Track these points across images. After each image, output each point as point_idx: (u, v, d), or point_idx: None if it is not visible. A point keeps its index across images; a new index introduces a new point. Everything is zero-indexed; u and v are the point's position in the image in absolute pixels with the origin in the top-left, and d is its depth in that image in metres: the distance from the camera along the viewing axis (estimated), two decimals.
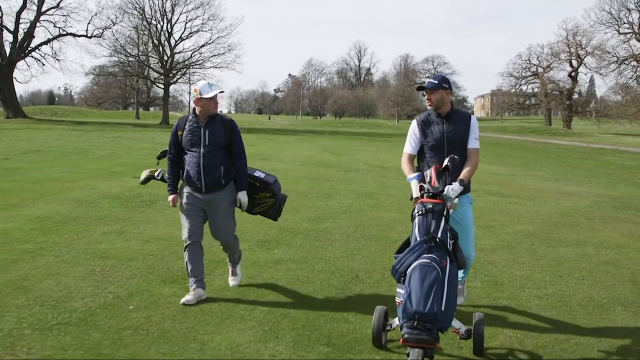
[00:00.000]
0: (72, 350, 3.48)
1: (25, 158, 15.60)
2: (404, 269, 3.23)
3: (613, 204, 10.08)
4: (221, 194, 4.41)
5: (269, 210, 4.69)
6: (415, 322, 2.97)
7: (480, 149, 4.10)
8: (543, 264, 5.78)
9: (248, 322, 3.98)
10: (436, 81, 3.99)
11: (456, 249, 3.38)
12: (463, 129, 4.01)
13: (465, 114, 4.12)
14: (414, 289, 3.04)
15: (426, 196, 3.50)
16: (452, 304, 3.15)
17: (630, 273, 5.54)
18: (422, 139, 4.06)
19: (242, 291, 4.68)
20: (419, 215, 3.42)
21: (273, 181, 4.66)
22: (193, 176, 4.35)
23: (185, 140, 4.38)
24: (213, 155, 4.33)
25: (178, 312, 4.14)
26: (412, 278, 3.10)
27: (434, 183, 3.55)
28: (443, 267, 3.16)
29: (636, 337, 3.95)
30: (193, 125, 4.39)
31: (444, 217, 3.39)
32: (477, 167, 4.00)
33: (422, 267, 3.12)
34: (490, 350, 3.62)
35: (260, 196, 4.60)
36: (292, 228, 7.16)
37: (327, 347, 3.63)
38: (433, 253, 3.22)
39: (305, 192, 10.30)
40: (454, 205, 3.51)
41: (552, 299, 4.70)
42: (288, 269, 5.34)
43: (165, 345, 3.58)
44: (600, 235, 7.36)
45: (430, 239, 3.27)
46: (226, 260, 4.85)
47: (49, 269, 5.11)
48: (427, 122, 4.08)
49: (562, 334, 3.93)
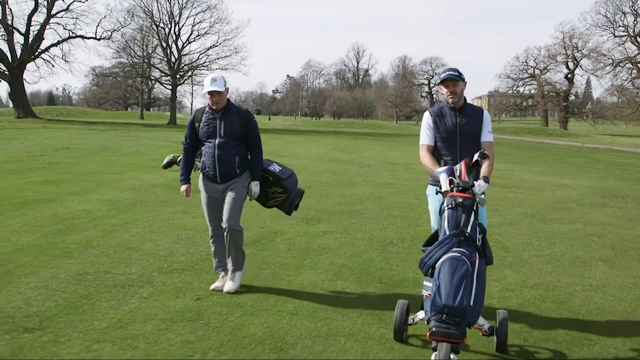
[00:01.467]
0: (195, 283, 4.74)
1: (60, 154, 16.81)
2: (432, 262, 3.22)
3: (602, 194, 11.40)
4: (236, 180, 4.50)
5: (282, 205, 4.71)
6: (444, 316, 2.94)
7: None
8: (540, 235, 7.07)
9: (317, 270, 5.25)
10: (457, 73, 3.96)
11: (485, 245, 3.37)
12: (476, 122, 3.98)
13: (477, 109, 4.09)
14: (444, 282, 3.01)
15: (456, 190, 3.45)
16: (481, 299, 3.10)
17: (611, 241, 6.85)
18: (435, 130, 4.03)
19: (303, 251, 5.93)
20: (448, 209, 3.38)
21: (287, 176, 4.67)
22: (209, 166, 4.48)
23: (201, 132, 4.49)
24: (228, 146, 4.42)
25: (261, 263, 5.40)
26: (442, 271, 3.07)
27: (463, 177, 3.52)
28: (473, 262, 3.13)
29: (611, 279, 5.23)
30: (209, 117, 4.49)
31: (473, 212, 3.37)
32: (494, 159, 3.96)
33: (452, 261, 3.09)
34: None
35: (272, 190, 4.64)
36: (328, 210, 8.42)
37: (380, 283, 4.90)
38: (462, 247, 3.19)
39: (329, 183, 11.56)
40: (482, 200, 3.48)
41: (547, 258, 5.98)
42: (335, 237, 6.62)
43: (260, 283, 4.84)
44: (589, 216, 8.66)
45: (460, 233, 3.24)
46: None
47: (143, 237, 6.37)
48: (441, 114, 4.03)
49: (554, 278, 5.22)
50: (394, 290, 4.73)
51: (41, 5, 46.56)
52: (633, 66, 61.03)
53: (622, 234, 7.37)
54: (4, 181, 10.63)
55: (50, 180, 10.84)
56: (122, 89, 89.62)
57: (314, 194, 9.82)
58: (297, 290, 4.64)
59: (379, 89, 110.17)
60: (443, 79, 3.97)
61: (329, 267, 5.33)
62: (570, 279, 5.19)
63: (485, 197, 3.57)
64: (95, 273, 4.95)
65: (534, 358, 3.52)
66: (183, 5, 45.96)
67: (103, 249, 5.80)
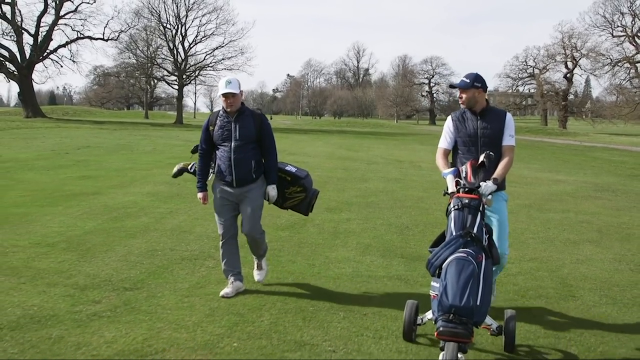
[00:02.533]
0: (249, 257, 5.69)
1: (83, 153, 17.77)
2: (439, 263, 3.27)
3: (594, 188, 12.37)
4: (252, 186, 4.49)
5: (300, 205, 4.74)
6: (451, 316, 2.99)
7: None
8: (536, 222, 8.05)
9: (347, 248, 6.22)
10: (468, 80, 4.01)
11: (491, 245, 3.41)
12: (497, 126, 4.02)
13: (500, 112, 4.13)
14: (450, 283, 3.07)
15: (462, 191, 3.51)
16: (487, 299, 3.16)
17: (598, 227, 7.83)
18: (455, 134, 4.11)
19: (332, 234, 6.89)
20: (455, 210, 3.44)
21: (304, 176, 4.69)
22: (224, 170, 4.45)
23: (216, 135, 4.47)
24: (244, 149, 4.41)
25: (299, 242, 6.37)
26: (449, 272, 3.12)
27: (469, 178, 3.57)
28: (479, 262, 3.18)
29: (595, 255, 6.20)
30: (224, 121, 4.47)
31: (479, 213, 3.42)
32: (511, 164, 3.99)
33: (458, 261, 3.14)
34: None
35: (291, 190, 4.65)
36: (347, 201, 9.39)
37: (401, 258, 5.87)
38: (469, 248, 3.24)
39: (343, 178, 12.53)
40: (488, 201, 3.52)
41: (542, 239, 6.96)
42: (357, 223, 7.59)
43: (302, 257, 5.80)
44: (580, 206, 9.64)
45: (466, 234, 3.29)
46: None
47: (192, 222, 7.33)
48: (462, 118, 4.11)
49: (547, 254, 6.19)
50: (414, 263, 5.69)
51: (50, 6, 47.49)
52: (631, 66, 61.85)
53: (609, 221, 8.35)
54: (44, 177, 11.60)
55: (86, 176, 11.81)
56: (125, 89, 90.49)
57: (331, 188, 10.80)
58: (334, 262, 5.61)
59: (379, 88, 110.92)
60: (451, 85, 4.26)
61: (357, 246, 6.30)
62: (561, 255, 6.17)
63: (492, 197, 3.58)
64: (163, 250, 5.91)
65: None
66: (189, 6, 46.96)
67: (161, 232, 6.76)
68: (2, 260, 5.34)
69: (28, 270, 5.07)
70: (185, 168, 5.11)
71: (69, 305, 4.20)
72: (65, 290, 4.54)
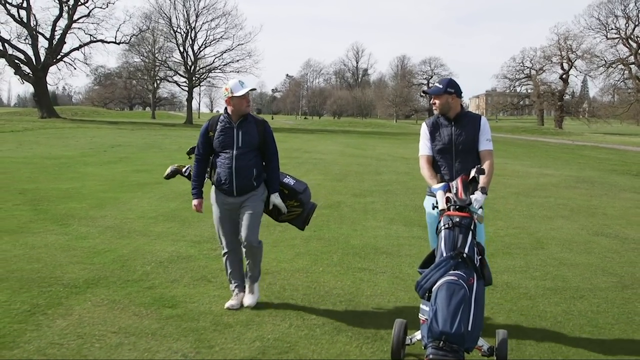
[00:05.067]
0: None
1: (119, 151, 19.71)
2: (429, 286, 3.19)
3: (576, 180, 14.38)
4: (252, 193, 4.33)
5: (296, 219, 4.57)
6: (441, 343, 2.92)
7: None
8: (522, 204, 10.04)
9: (377, 219, 8.20)
10: (441, 86, 3.94)
11: (483, 266, 3.30)
12: (472, 132, 3.93)
13: (474, 116, 4.02)
14: (441, 308, 2.99)
15: (453, 209, 3.39)
16: (479, 323, 3.07)
17: (571, 208, 9.84)
18: (430, 141, 4.02)
19: (363, 211, 8.86)
20: (445, 229, 3.32)
21: (302, 190, 4.51)
22: (224, 178, 4.26)
23: (217, 142, 4.28)
24: (246, 157, 4.24)
25: (340, 217, 8.34)
26: (439, 296, 3.05)
27: (460, 195, 3.43)
28: (470, 285, 3.10)
29: (565, 226, 8.18)
30: (225, 126, 4.29)
31: (471, 232, 3.31)
32: (493, 169, 3.91)
33: (449, 285, 3.06)
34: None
35: (287, 204, 4.46)
36: (368, 189, 11.37)
37: (419, 227, 7.81)
38: (460, 270, 3.16)
39: (360, 172, 14.52)
40: (479, 217, 3.39)
41: (525, 216, 8.94)
42: (381, 204, 9.58)
43: (347, 226, 7.76)
44: (560, 194, 11.64)
45: (457, 255, 3.20)
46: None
47: None
48: (436, 125, 4.03)
49: (528, 225, 8.17)
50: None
51: (65, 11, 49.40)
52: (625, 67, 63.97)
53: (581, 203, 10.37)
54: (103, 170, 13.55)
55: (139, 170, 13.77)
56: (128, 89, 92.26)
57: (352, 179, 12.80)
58: (370, 229, 7.59)
59: (378, 89, 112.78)
60: (424, 92, 4.28)
61: (384, 219, 8.29)
62: (539, 225, 8.16)
63: (483, 212, 3.49)
64: None
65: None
66: (199, 11, 48.98)
67: None
68: (126, 226, 7.31)
69: (150, 232, 7.03)
70: (180, 170, 4.91)
71: (197, 252, 6.16)
72: (188, 243, 6.50)
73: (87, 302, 4.41)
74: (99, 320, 4.06)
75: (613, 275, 5.65)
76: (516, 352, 3.73)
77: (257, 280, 4.48)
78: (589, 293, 5.05)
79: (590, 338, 4.04)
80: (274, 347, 3.70)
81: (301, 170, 14.19)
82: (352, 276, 5.36)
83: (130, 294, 4.64)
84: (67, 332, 3.83)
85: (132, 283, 4.95)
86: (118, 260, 5.68)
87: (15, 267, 5.29)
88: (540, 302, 4.79)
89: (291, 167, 15.14)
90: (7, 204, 8.57)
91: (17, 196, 9.34)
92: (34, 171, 12.80)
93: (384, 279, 5.33)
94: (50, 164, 14.56)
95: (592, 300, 4.85)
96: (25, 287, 4.72)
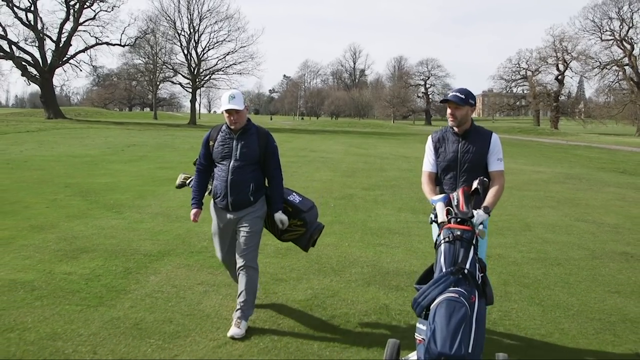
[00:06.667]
0: (336, 224, 8.89)
1: (137, 150, 20.82)
2: (427, 303, 2.97)
3: (565, 177, 15.63)
4: (250, 209, 4.08)
5: (300, 239, 4.34)
6: None
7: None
8: (515, 197, 11.26)
9: (387, 208, 9.39)
10: (463, 96, 3.69)
11: (485, 283, 3.10)
12: (481, 149, 3.73)
13: (485, 133, 3.80)
14: (440, 327, 2.77)
15: (454, 221, 3.21)
16: (480, 344, 2.85)
17: (557, 199, 11.07)
18: (435, 157, 3.85)
19: (373, 202, 10.06)
20: (445, 243, 3.12)
21: (307, 209, 4.27)
22: (220, 192, 4.10)
23: (216, 152, 4.12)
24: (243, 170, 4.03)
25: (354, 206, 9.53)
26: (438, 314, 2.82)
27: (462, 207, 3.27)
28: (472, 303, 2.89)
29: (550, 213, 9.39)
30: (225, 137, 4.11)
31: (472, 246, 3.11)
32: (502, 191, 3.73)
33: (449, 303, 2.84)
34: None
35: (290, 223, 4.23)
36: (376, 184, 12.58)
37: (424, 214, 9.02)
38: (460, 287, 2.94)
39: (366, 169, 15.73)
40: (481, 232, 3.23)
41: (517, 206, 10.16)
42: (388, 196, 10.78)
43: (362, 213, 8.96)
44: (549, 188, 12.88)
45: (458, 270, 2.99)
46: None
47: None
48: (443, 139, 3.85)
49: (518, 213, 9.38)
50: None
51: (71, 14, 50.51)
52: (619, 68, 65.30)
53: (567, 196, 11.60)
54: (130, 167, 14.69)
55: (162, 167, 14.92)
56: (128, 90, 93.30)
57: (360, 175, 14.02)
58: (382, 215, 8.79)
59: (375, 89, 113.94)
60: (445, 100, 3.74)
61: (393, 208, 9.49)
62: (528, 214, 9.38)
63: (484, 228, 3.33)
64: None
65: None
66: (203, 15, 50.17)
67: (291, 188, 9.89)
68: (172, 213, 8.49)
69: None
70: (185, 182, 4.84)
71: None
72: None
73: (168, 266, 5.61)
74: (183, 277, 5.25)
75: (586, 250, 6.87)
76: (503, 299, 4.93)
77: (247, 317, 4.02)
78: (565, 262, 6.27)
79: (562, 290, 5.25)
80: (322, 294, 4.90)
81: (312, 168, 15.39)
82: (373, 249, 6.57)
83: (199, 261, 5.83)
84: (162, 284, 5.03)
85: (196, 253, 6.14)
86: (178, 238, 6.87)
87: (97, 242, 6.48)
88: (525, 267, 6.00)
89: (302, 164, 16.36)
90: (60, 195, 9.74)
91: (65, 189, 10.49)
92: (67, 168, 13.93)
93: (399, 251, 6.53)
94: (78, 162, 15.69)
95: (566, 266, 6.07)
96: (112, 255, 5.91)
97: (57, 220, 7.58)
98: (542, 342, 4.07)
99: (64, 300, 4.55)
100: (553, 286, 5.37)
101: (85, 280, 5.07)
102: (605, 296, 5.11)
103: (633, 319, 4.56)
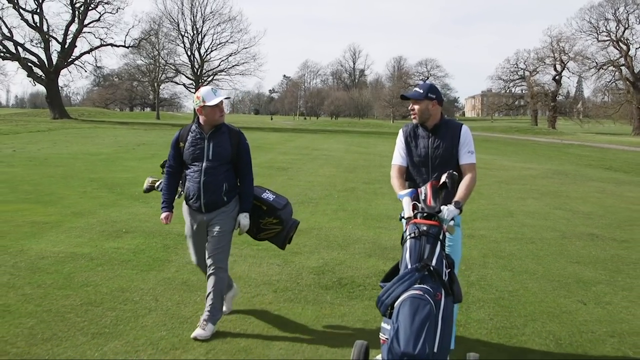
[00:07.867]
0: (340, 211, 9.89)
1: (147, 148, 21.77)
2: (391, 301, 2.85)
3: (552, 173, 16.66)
4: (223, 209, 4.04)
5: (276, 238, 4.30)
6: None
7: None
8: (503, 190, 12.29)
9: (385, 199, 10.40)
10: (421, 90, 3.69)
11: (452, 280, 2.99)
12: (451, 143, 3.69)
13: (455, 126, 3.75)
14: (403, 326, 2.67)
15: (420, 217, 3.10)
16: (446, 345, 2.77)
17: (541, 192, 12.11)
18: (405, 152, 3.79)
19: (373, 194, 11.06)
20: (410, 238, 3.03)
21: (282, 206, 4.23)
22: (192, 193, 4.03)
23: (186, 154, 4.04)
24: (216, 171, 3.98)
25: (356, 197, 10.55)
26: (401, 313, 2.72)
27: (429, 202, 3.15)
28: (437, 301, 2.80)
29: (534, 203, 10.40)
30: (196, 137, 4.03)
31: (439, 242, 3.01)
32: (474, 184, 3.66)
33: (413, 300, 2.74)
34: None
35: (266, 221, 4.20)
36: (376, 179, 13.60)
37: None
38: (426, 284, 2.84)
39: (366, 166, 16.76)
40: (450, 228, 3.12)
41: (503, 197, 11.18)
42: (387, 189, 11.73)
43: (362, 202, 9.96)
44: (536, 182, 13.91)
45: (424, 267, 2.89)
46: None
47: (308, 188, 11.47)
48: (413, 134, 3.81)
49: (504, 203, 10.39)
50: None
51: (76, 16, 51.52)
52: (615, 69, 66.26)
53: (551, 189, 12.64)
54: (146, 164, 15.64)
55: None
56: (129, 90, 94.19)
57: (360, 171, 15.05)
58: (381, 205, 9.81)
59: (375, 89, 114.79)
60: (402, 96, 3.77)
61: (391, 199, 10.46)
62: (513, 204, 10.39)
63: (454, 224, 3.22)
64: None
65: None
66: (206, 17, 51.26)
67: (298, 181, 10.95)
68: None
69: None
70: (153, 186, 4.73)
71: None
72: None
73: None
74: None
75: (558, 232, 7.90)
76: (481, 267, 5.95)
77: (215, 321, 3.99)
78: (538, 241, 7.30)
79: (532, 261, 6.28)
80: (332, 262, 5.93)
81: (316, 164, 16.41)
82: (374, 231, 7.59)
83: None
84: None
85: None
86: None
87: (134, 225, 7.49)
88: (503, 244, 7.02)
89: (306, 161, 17.39)
90: (88, 188, 10.74)
91: (90, 183, 11.48)
92: (86, 165, 14.92)
93: (397, 232, 7.53)
94: (95, 159, 16.67)
95: (538, 244, 7.10)
96: (150, 235, 6.92)
97: (93, 208, 8.59)
98: (510, 295, 5.09)
99: (120, 266, 5.57)
100: (524, 258, 6.39)
101: (133, 253, 6.08)
102: (567, 265, 6.14)
103: (586, 280, 5.59)
